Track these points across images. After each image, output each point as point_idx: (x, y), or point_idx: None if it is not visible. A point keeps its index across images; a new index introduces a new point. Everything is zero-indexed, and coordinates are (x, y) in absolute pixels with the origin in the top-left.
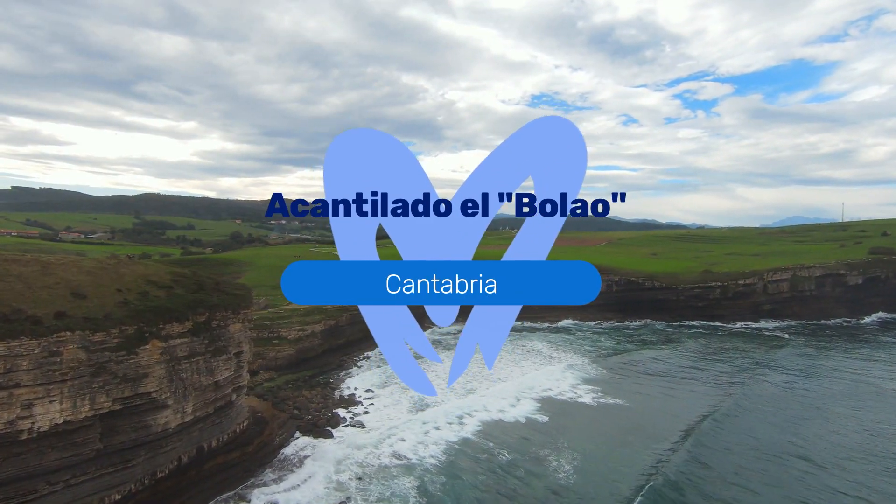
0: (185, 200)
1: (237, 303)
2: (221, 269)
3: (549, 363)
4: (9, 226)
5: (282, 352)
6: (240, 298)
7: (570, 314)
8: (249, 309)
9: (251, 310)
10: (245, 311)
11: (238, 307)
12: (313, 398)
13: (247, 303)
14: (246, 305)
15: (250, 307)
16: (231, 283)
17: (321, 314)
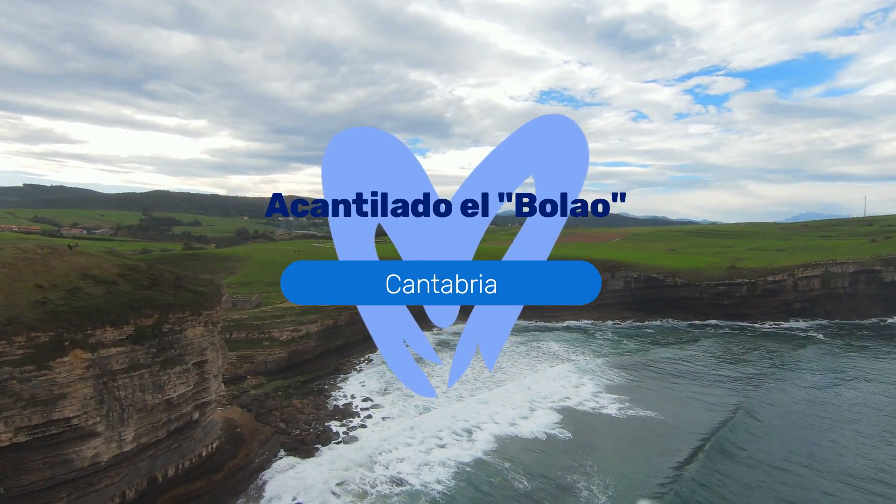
0: (193, 197)
1: (199, 302)
2: (217, 265)
3: (567, 367)
4: (16, 222)
5: (272, 355)
6: (203, 296)
7: (586, 313)
8: (215, 309)
9: (217, 310)
10: (209, 311)
11: (200, 307)
12: (304, 408)
13: (211, 302)
14: (210, 305)
15: (216, 307)
16: (196, 279)
17: (317, 313)
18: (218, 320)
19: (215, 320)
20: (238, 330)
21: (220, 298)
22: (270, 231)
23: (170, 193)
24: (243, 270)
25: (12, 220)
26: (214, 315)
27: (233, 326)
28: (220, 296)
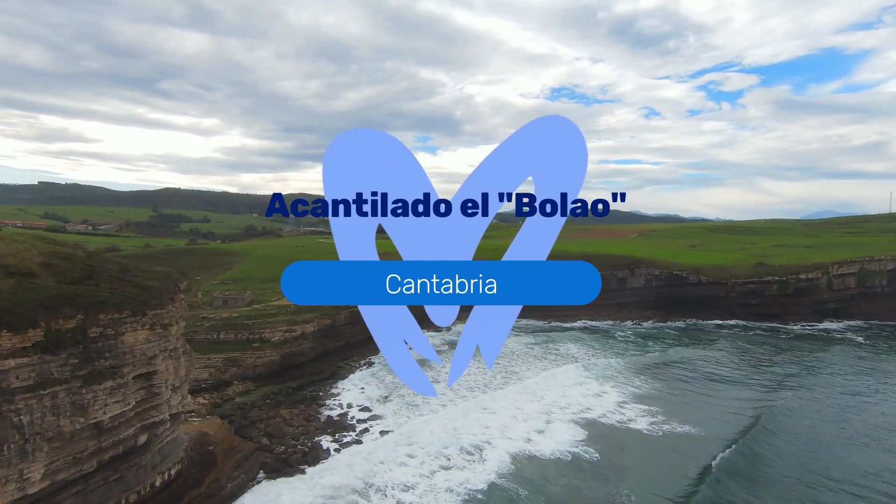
0: (204, 195)
1: (143, 299)
2: (214, 260)
3: (587, 372)
4: (27, 218)
5: (262, 357)
6: (151, 292)
7: (604, 312)
8: (168, 308)
9: (173, 309)
10: (158, 311)
11: (144, 305)
12: (293, 420)
13: (162, 299)
14: (161, 303)
15: (169, 305)
16: (149, 271)
17: (314, 312)
18: (174, 321)
19: (168, 321)
20: (227, 330)
21: (177, 295)
22: (279, 228)
23: (181, 191)
24: (240, 266)
25: (22, 217)
26: (167, 315)
27: (221, 326)
28: (177, 291)
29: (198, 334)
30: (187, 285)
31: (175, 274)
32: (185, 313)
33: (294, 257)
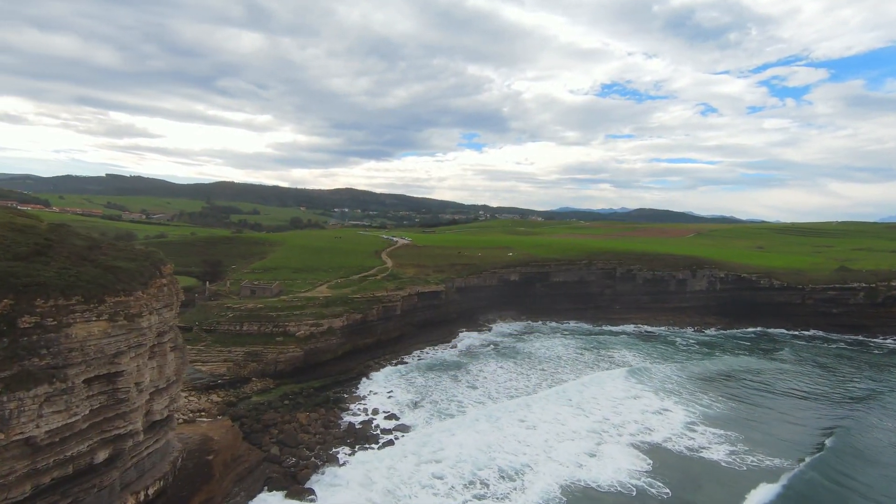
0: (256, 188)
1: (104, 283)
2: (249, 249)
3: (643, 384)
4: (91, 207)
5: (285, 353)
6: (118, 274)
7: (661, 317)
8: (133, 296)
9: (139, 297)
10: (121, 298)
11: (103, 290)
12: (310, 425)
13: (131, 284)
14: (128, 288)
15: (138, 291)
16: (127, 250)
17: (344, 306)
18: (146, 312)
19: (137, 311)
20: (250, 321)
21: (155, 280)
22: (324, 221)
23: (234, 184)
24: (274, 255)
25: (85, 206)
26: (135, 304)
27: (244, 317)
28: (156, 276)
29: (221, 325)
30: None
31: (158, 255)
32: (171, 301)
33: (330, 247)
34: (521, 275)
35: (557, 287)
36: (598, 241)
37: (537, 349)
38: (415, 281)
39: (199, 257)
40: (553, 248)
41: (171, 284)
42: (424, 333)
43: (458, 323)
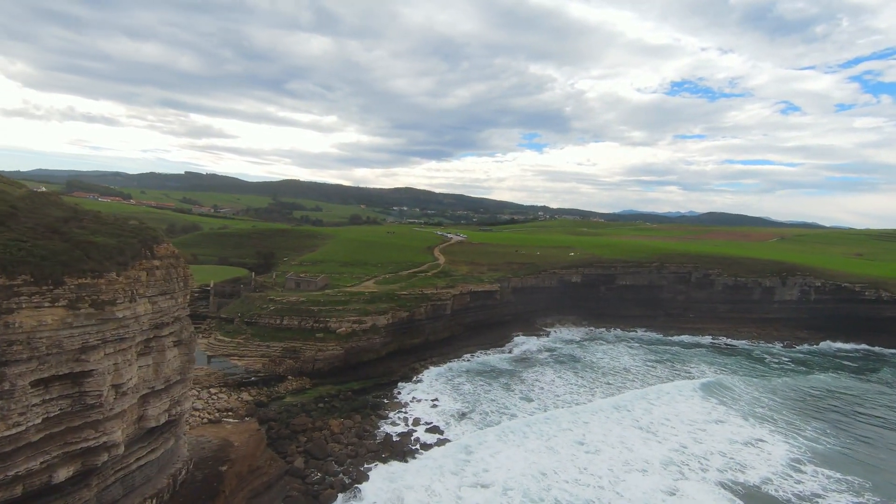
0: (320, 186)
1: (66, 260)
2: (300, 242)
3: (727, 406)
4: (167, 201)
5: (325, 351)
6: (88, 251)
7: (743, 328)
8: (104, 278)
9: (112, 280)
10: (87, 280)
11: (62, 270)
12: (343, 434)
13: (104, 263)
14: (98, 268)
15: (111, 273)
16: (116, 225)
17: (390, 302)
18: (121, 298)
19: (110, 298)
20: (290, 315)
21: (140, 261)
22: (382, 219)
23: (299, 182)
24: (324, 247)
25: (163, 200)
26: (107, 287)
27: (285, 311)
28: (142, 256)
29: (261, 318)
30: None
31: (152, 231)
32: (171, 288)
33: (381, 242)
34: (584, 276)
35: (624, 291)
36: (669, 242)
37: (600, 359)
38: (467, 279)
39: (253, 249)
40: (619, 248)
41: (171, 268)
42: (476, 336)
43: (512, 326)
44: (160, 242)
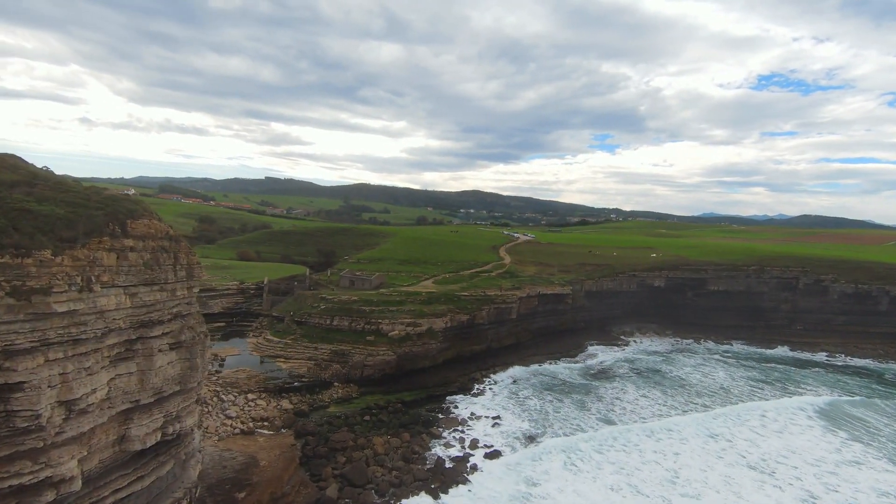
0: (389, 190)
1: None
2: (362, 240)
3: (861, 442)
4: (246, 203)
5: (375, 355)
6: (21, 223)
7: (864, 344)
8: (33, 257)
9: (45, 260)
10: (10, 260)
11: None
12: (389, 455)
13: (34, 238)
14: (24, 244)
15: (43, 251)
16: (72, 189)
17: (448, 304)
18: (78, 287)
19: (43, 284)
20: (341, 316)
21: (103, 239)
22: (448, 221)
23: (369, 186)
24: (383, 245)
25: (241, 201)
26: (35, 270)
27: (336, 310)
28: (107, 232)
29: (311, 317)
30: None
31: (128, 204)
32: (159, 277)
33: (443, 240)
34: (669, 280)
35: (715, 297)
36: (768, 245)
37: (690, 375)
38: (535, 280)
39: (315, 247)
40: (708, 250)
41: (160, 252)
42: (544, 343)
43: (585, 334)
44: (138, 217)
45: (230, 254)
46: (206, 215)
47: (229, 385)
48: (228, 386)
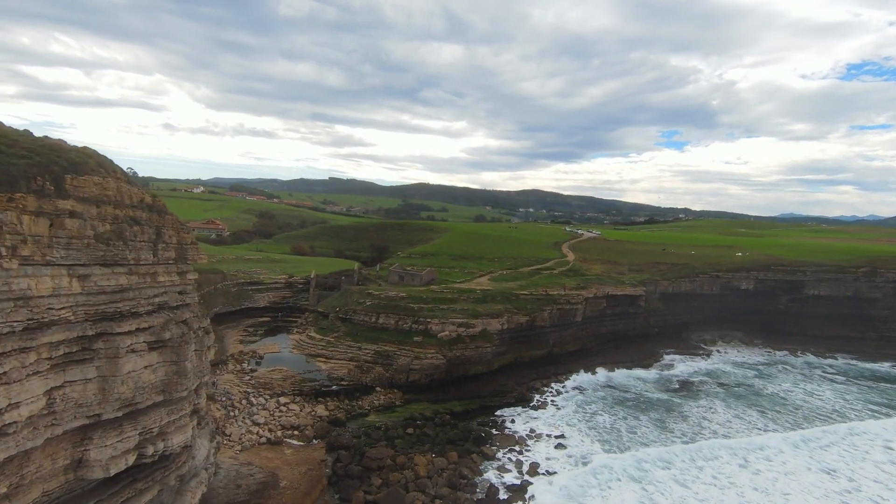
0: (448, 189)
1: None
2: (416, 235)
3: None
4: (308, 201)
5: (422, 358)
6: None
7: None
8: None
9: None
10: None
11: None
12: (432, 479)
13: None
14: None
15: None
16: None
17: (507, 303)
18: None
19: None
20: (387, 313)
21: (9, 194)
22: (507, 219)
23: (428, 185)
24: (438, 240)
25: (307, 199)
26: None
27: (382, 307)
28: (15, 186)
29: (356, 314)
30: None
31: (71, 153)
32: (130, 256)
33: (499, 236)
34: (759, 282)
35: (815, 303)
36: (880, 245)
37: (790, 394)
38: (603, 280)
39: (368, 242)
40: (805, 249)
41: (126, 224)
42: (613, 350)
43: (660, 340)
44: (84, 172)
45: (285, 248)
46: (266, 211)
47: (262, 386)
48: (261, 387)
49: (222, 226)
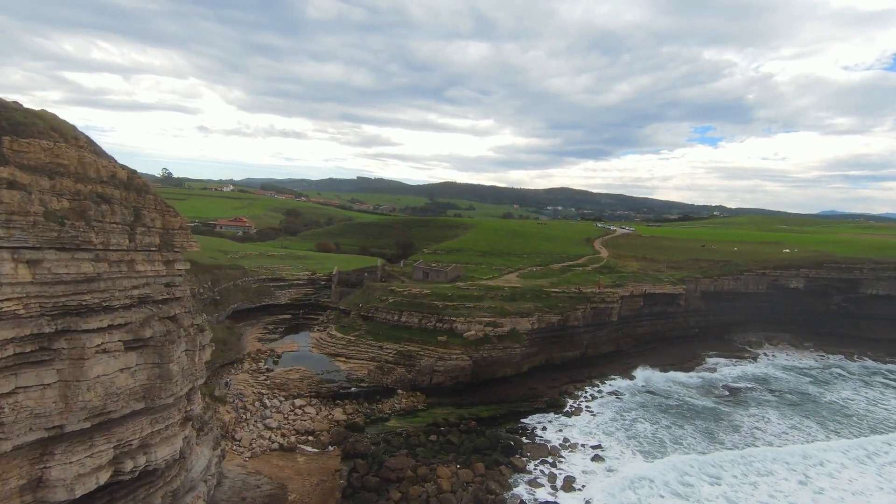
0: (475, 188)
1: None
2: (443, 232)
3: None
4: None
5: (447, 359)
6: None
7: None
8: None
9: None
10: None
11: None
12: (456, 492)
13: None
14: None
15: None
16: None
17: (537, 301)
18: None
19: None
20: (410, 311)
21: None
22: (535, 217)
23: (455, 184)
24: (465, 236)
25: (333, 198)
26: None
27: (405, 304)
28: None
29: (378, 312)
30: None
31: (14, 114)
32: (96, 238)
33: (528, 232)
34: (809, 280)
35: (873, 303)
36: None
37: (851, 403)
38: (640, 277)
39: (393, 239)
40: (860, 246)
41: (82, 199)
42: (651, 352)
43: (701, 342)
44: (29, 136)
45: (310, 245)
46: (293, 209)
47: (277, 387)
48: (276, 388)
49: (249, 223)
